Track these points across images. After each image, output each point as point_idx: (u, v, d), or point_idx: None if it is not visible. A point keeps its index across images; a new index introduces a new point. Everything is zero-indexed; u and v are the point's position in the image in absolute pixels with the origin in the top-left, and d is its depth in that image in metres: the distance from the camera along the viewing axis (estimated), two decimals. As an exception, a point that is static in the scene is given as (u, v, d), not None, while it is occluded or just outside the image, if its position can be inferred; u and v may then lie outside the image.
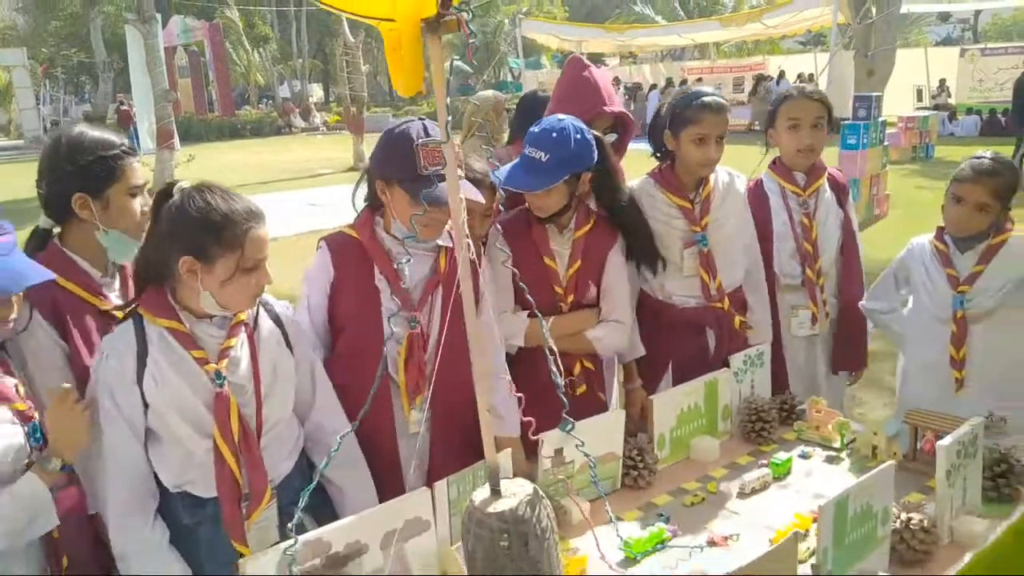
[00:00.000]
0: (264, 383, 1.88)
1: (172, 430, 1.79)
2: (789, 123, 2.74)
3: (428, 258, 2.18)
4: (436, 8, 1.25)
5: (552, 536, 1.57)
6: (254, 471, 1.82)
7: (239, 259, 1.76)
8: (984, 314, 2.49)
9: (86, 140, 1.97)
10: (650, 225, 2.58)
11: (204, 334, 1.83)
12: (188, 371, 1.79)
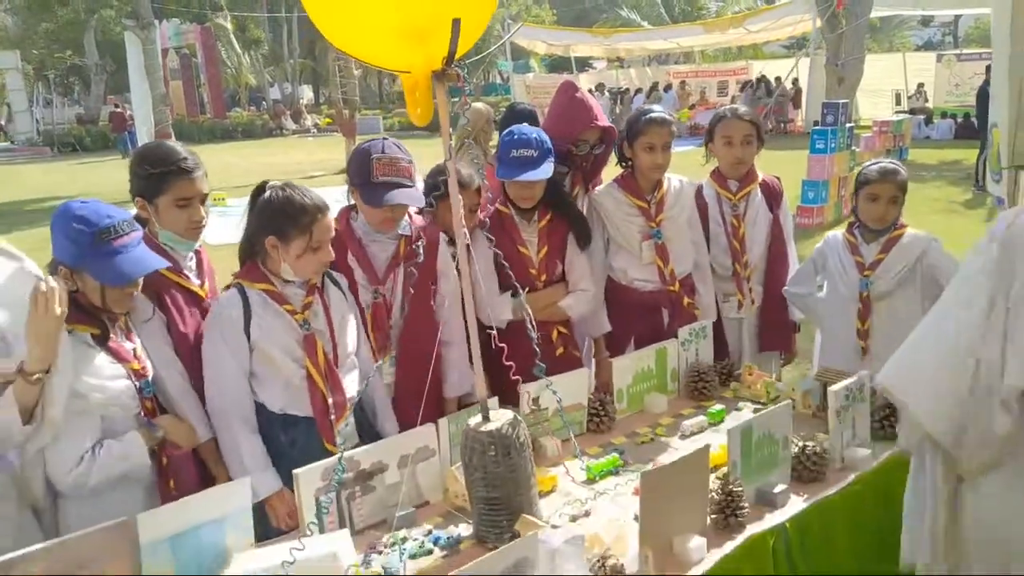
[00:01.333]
0: (336, 328, 2.46)
1: (276, 365, 2.37)
2: (723, 140, 3.27)
3: (392, 244, 2.75)
4: (442, 64, 1.77)
5: (528, 451, 2.10)
6: (336, 391, 2.42)
7: (308, 241, 2.33)
8: (884, 294, 3.03)
9: (150, 153, 2.43)
10: (614, 222, 3.13)
11: (291, 293, 2.40)
12: (283, 320, 2.37)
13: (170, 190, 2.39)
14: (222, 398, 2.36)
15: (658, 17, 33.14)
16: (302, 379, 2.39)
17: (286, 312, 2.38)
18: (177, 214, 2.42)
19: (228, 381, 2.36)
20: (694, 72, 28.40)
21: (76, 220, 2.07)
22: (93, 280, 2.11)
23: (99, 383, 2.14)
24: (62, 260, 2.11)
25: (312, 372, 2.38)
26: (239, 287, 2.39)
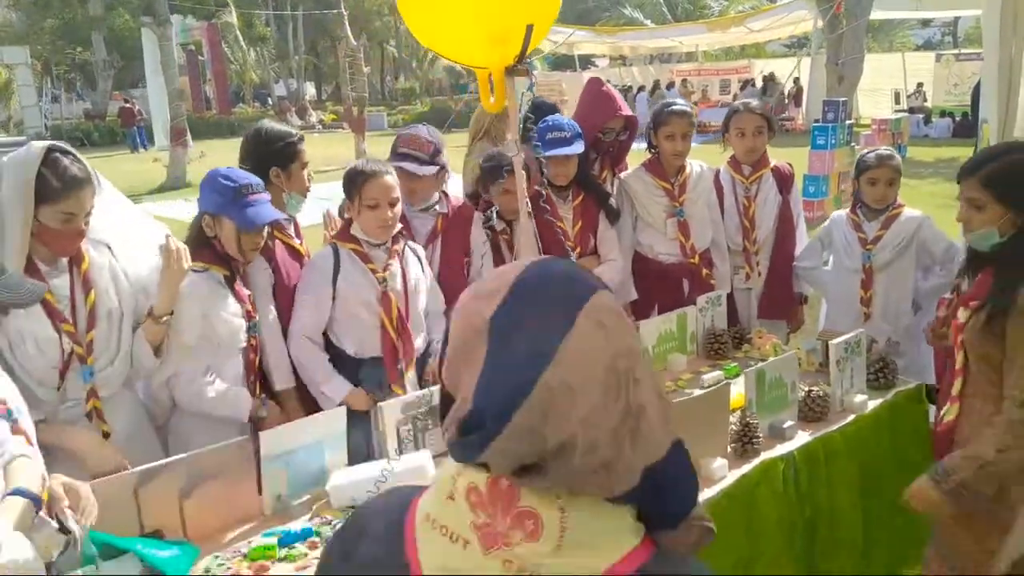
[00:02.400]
0: (410, 289, 2.85)
1: (355, 314, 2.78)
2: (737, 131, 3.65)
3: (431, 220, 3.22)
4: (513, 62, 2.15)
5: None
6: (406, 341, 2.82)
7: (361, 199, 2.74)
8: (884, 265, 3.41)
9: (273, 132, 2.89)
10: (641, 201, 3.53)
11: (375, 254, 2.80)
12: (366, 277, 2.77)
13: (298, 157, 2.88)
14: (302, 325, 2.80)
15: (661, 16, 33.50)
16: (376, 328, 2.80)
17: (369, 270, 2.79)
18: (301, 176, 2.90)
19: (309, 317, 2.79)
20: (696, 70, 28.78)
21: (223, 177, 2.53)
22: (231, 225, 2.53)
23: (226, 316, 2.56)
24: (207, 210, 2.55)
25: (385, 323, 2.79)
26: (334, 246, 2.83)
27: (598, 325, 0.84)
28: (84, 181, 2.15)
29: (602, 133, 3.67)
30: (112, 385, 2.34)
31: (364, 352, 2.84)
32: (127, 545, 1.93)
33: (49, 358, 2.18)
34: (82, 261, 2.26)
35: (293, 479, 2.31)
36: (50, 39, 37.97)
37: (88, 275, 2.26)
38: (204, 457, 2.16)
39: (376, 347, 2.82)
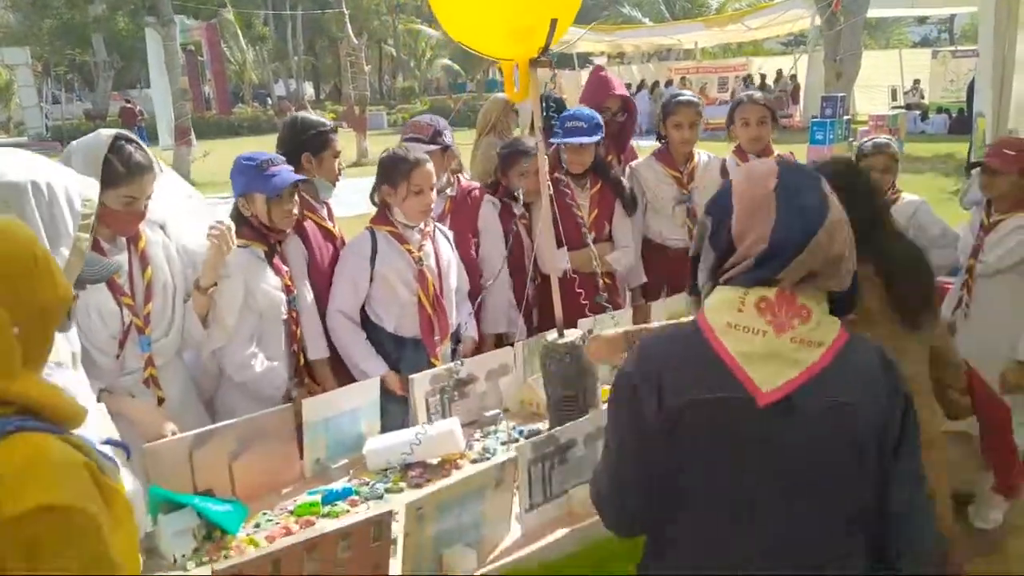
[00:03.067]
0: (443, 268, 3.03)
1: (395, 291, 2.96)
2: (742, 121, 3.79)
3: (441, 203, 3.40)
4: (537, 54, 2.32)
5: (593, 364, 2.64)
6: (441, 317, 3.01)
7: (409, 186, 2.91)
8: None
9: (306, 121, 3.08)
10: (651, 188, 3.70)
11: (410, 235, 2.98)
12: (403, 257, 2.95)
13: (329, 145, 3.05)
14: (341, 303, 2.98)
15: (659, 14, 33.70)
16: (414, 304, 2.98)
17: (406, 251, 2.97)
18: (331, 164, 3.07)
19: (348, 296, 2.98)
20: (695, 68, 28.91)
21: (245, 159, 2.75)
22: (261, 197, 2.71)
23: (266, 288, 2.73)
24: (239, 193, 2.75)
25: (422, 298, 2.97)
26: (371, 230, 3.00)
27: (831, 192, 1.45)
28: (146, 168, 2.32)
29: (600, 112, 3.83)
30: (167, 354, 2.50)
31: (403, 329, 3.02)
32: (185, 500, 2.10)
33: (111, 329, 2.34)
34: (140, 240, 2.43)
35: (332, 444, 2.47)
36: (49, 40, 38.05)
37: (145, 253, 2.43)
38: (251, 423, 2.32)
39: (414, 323, 3.01)
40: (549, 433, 2.18)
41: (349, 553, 1.76)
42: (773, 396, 1.37)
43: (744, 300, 1.40)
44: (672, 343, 1.50)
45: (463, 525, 1.98)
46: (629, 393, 1.46)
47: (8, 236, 1.18)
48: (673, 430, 1.41)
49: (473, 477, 1.98)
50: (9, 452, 1.10)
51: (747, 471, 1.41)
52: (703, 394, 1.39)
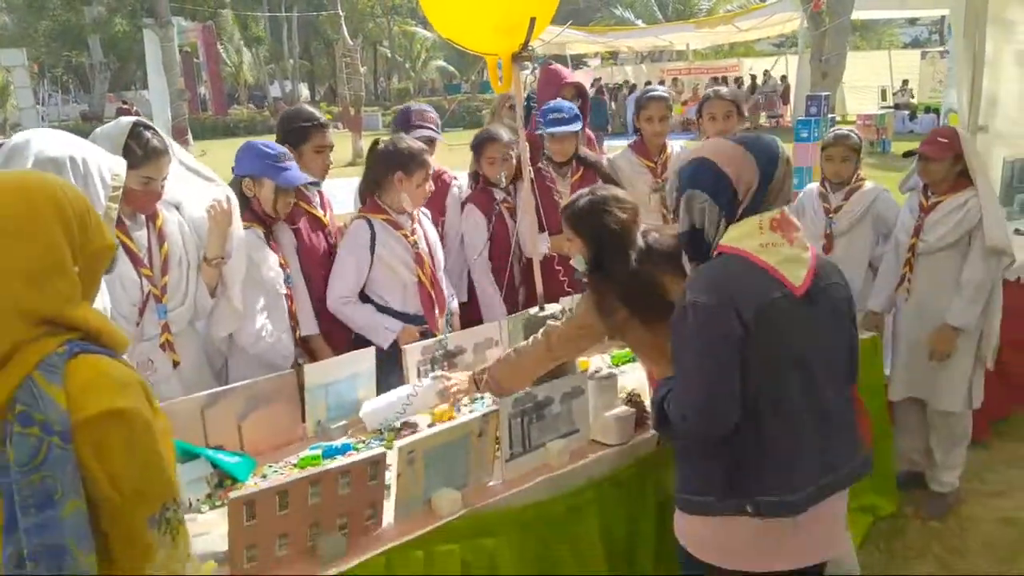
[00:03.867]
0: (432, 246, 3.30)
1: (397, 273, 3.20)
2: (708, 116, 4.01)
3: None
4: (518, 49, 2.55)
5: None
6: (438, 292, 3.28)
7: (426, 174, 3.18)
8: (843, 231, 3.82)
9: (297, 114, 3.31)
10: (627, 178, 3.93)
11: (403, 221, 3.21)
12: (400, 242, 3.19)
13: (311, 139, 3.25)
14: (344, 286, 3.21)
15: (652, 15, 33.96)
16: (414, 284, 3.24)
17: (401, 236, 3.22)
18: (314, 157, 3.26)
19: (349, 278, 3.21)
20: (687, 69, 29.20)
21: (263, 146, 2.99)
22: (271, 185, 2.95)
23: (270, 264, 2.97)
24: (249, 173, 2.97)
25: (422, 278, 3.23)
26: (366, 219, 3.21)
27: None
28: (162, 152, 2.55)
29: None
30: (181, 322, 2.73)
31: (407, 306, 3.27)
32: (199, 451, 2.32)
33: (131, 296, 2.57)
34: (157, 218, 2.67)
35: (331, 407, 2.70)
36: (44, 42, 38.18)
37: (162, 230, 2.67)
38: (258, 386, 2.54)
39: (416, 302, 3.26)
40: (528, 391, 2.41)
41: (348, 490, 1.99)
42: (803, 287, 1.93)
43: (761, 224, 1.93)
44: (723, 271, 1.93)
45: (450, 470, 2.20)
46: (705, 318, 1.88)
47: (71, 191, 1.42)
48: (749, 331, 1.86)
49: (458, 427, 2.21)
50: (78, 369, 1.32)
51: (799, 351, 1.92)
52: (766, 298, 1.88)
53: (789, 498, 1.92)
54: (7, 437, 1.29)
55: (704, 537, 2.07)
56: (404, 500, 2.11)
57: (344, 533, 2.00)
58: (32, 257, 1.33)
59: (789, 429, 1.93)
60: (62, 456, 1.27)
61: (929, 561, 3.26)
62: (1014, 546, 3.35)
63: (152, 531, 1.40)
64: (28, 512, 1.26)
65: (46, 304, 1.33)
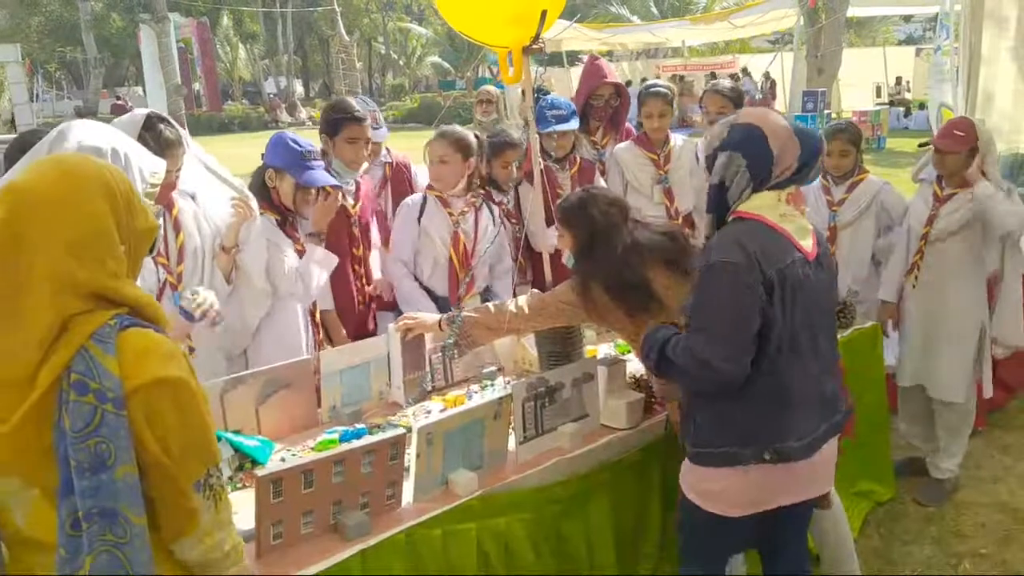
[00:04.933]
0: (479, 233, 3.47)
1: (432, 245, 3.41)
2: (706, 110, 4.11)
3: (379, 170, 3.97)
4: (529, 41, 2.61)
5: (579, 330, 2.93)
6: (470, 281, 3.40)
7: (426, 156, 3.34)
8: (847, 224, 3.89)
9: (335, 104, 3.44)
10: (631, 170, 4.00)
11: (453, 201, 3.49)
12: (445, 219, 3.47)
13: (343, 130, 3.33)
14: (401, 250, 3.52)
15: (647, 12, 33.99)
16: (446, 259, 3.47)
17: (447, 213, 3.46)
18: (345, 148, 3.34)
19: (403, 246, 3.51)
20: (683, 66, 29.25)
21: (292, 141, 3.03)
22: (292, 180, 3.00)
23: (286, 249, 3.04)
24: (273, 164, 3.02)
25: (453, 256, 3.44)
26: (424, 194, 3.55)
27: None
28: (176, 143, 2.60)
29: (592, 99, 4.17)
30: None
31: (432, 282, 3.50)
32: (220, 435, 2.38)
33: (147, 284, 2.62)
34: (173, 208, 2.72)
35: (346, 392, 2.76)
36: (38, 37, 38.03)
37: (178, 219, 2.72)
38: (276, 371, 2.60)
39: (443, 280, 3.48)
40: (540, 375, 2.47)
41: (370, 469, 2.05)
42: (813, 253, 2.17)
43: (780, 196, 2.14)
44: (750, 233, 2.10)
45: (466, 451, 2.27)
46: (733, 274, 2.05)
47: (117, 172, 1.49)
48: (771, 289, 2.05)
49: (475, 409, 2.28)
50: (129, 341, 1.40)
51: (809, 310, 2.12)
52: (785, 261, 2.08)
53: (804, 441, 2.13)
54: (63, 405, 1.36)
55: (714, 488, 2.20)
56: (423, 479, 2.18)
57: (366, 511, 2.07)
58: (82, 232, 1.39)
59: (803, 378, 2.14)
60: (116, 422, 1.35)
61: (927, 544, 3.33)
62: (1009, 529, 3.43)
63: (197, 495, 1.47)
64: (83, 476, 1.33)
65: (95, 278, 1.40)
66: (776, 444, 2.11)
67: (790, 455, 2.12)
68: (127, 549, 1.35)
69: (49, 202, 1.39)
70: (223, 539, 1.55)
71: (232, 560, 1.58)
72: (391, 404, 2.88)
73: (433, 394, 2.92)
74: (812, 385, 2.17)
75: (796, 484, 2.21)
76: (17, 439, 1.37)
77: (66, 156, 1.51)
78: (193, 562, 1.53)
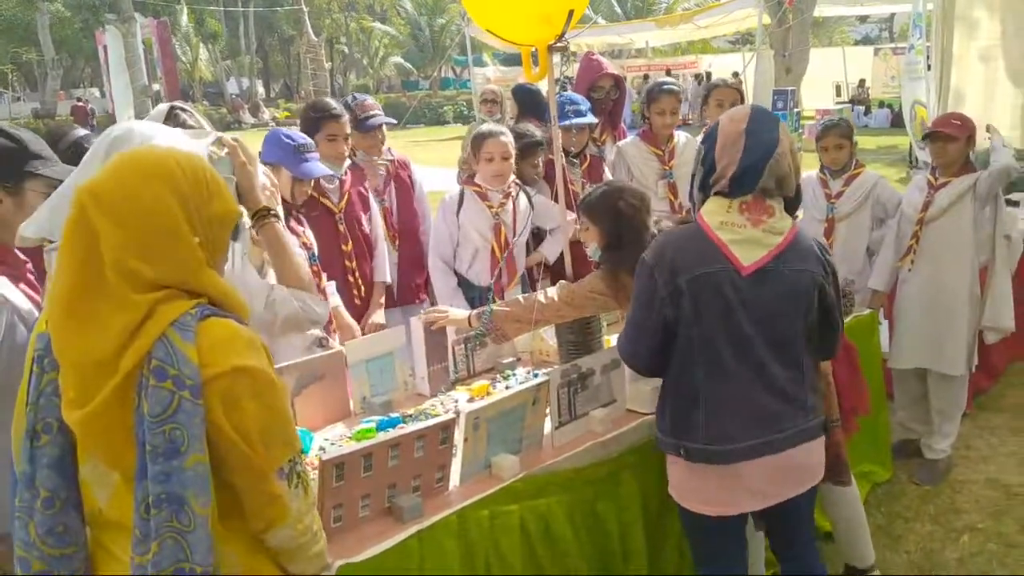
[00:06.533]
0: (517, 223, 3.59)
1: (473, 240, 3.54)
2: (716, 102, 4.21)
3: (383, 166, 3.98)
4: (555, 40, 2.69)
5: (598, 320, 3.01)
6: (509, 264, 3.55)
7: (480, 154, 3.56)
8: (844, 216, 4.04)
9: (309, 106, 3.51)
10: (636, 165, 4.12)
11: (492, 195, 3.64)
12: (484, 212, 3.62)
13: (323, 128, 3.43)
14: (439, 246, 3.68)
15: (611, 13, 34.26)
16: (487, 251, 3.62)
17: (485, 207, 3.60)
18: (327, 146, 3.43)
19: (443, 242, 3.67)
20: (647, 66, 29.54)
21: (286, 136, 3.07)
22: (288, 174, 3.04)
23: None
24: (268, 160, 3.04)
25: (494, 247, 3.62)
26: (462, 189, 3.70)
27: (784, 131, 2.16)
28: (198, 131, 2.62)
29: (593, 91, 4.27)
30: None
31: (478, 276, 3.64)
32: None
33: None
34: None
35: (374, 383, 2.82)
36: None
37: None
38: (309, 363, 2.65)
39: (486, 268, 3.62)
40: (573, 363, 2.55)
41: (422, 453, 2.12)
42: (752, 268, 2.11)
43: (731, 205, 2.13)
44: (681, 238, 2.19)
45: (508, 436, 2.34)
46: (646, 274, 2.17)
47: (188, 161, 1.50)
48: (679, 294, 2.11)
49: (516, 395, 2.35)
50: (209, 330, 1.43)
51: (736, 322, 2.11)
52: (703, 269, 2.11)
53: (715, 448, 2.17)
54: (143, 390, 1.39)
55: (679, 483, 2.35)
56: (469, 463, 2.24)
57: (418, 495, 2.13)
58: (145, 231, 1.41)
59: (719, 387, 2.16)
60: (192, 410, 1.38)
61: (927, 521, 3.48)
62: (1001, 503, 3.60)
63: (282, 483, 1.51)
64: (156, 461, 1.37)
65: (166, 275, 1.43)
66: (686, 443, 2.21)
67: (702, 457, 2.19)
68: (190, 537, 1.38)
69: (113, 201, 1.41)
70: (311, 522, 1.60)
71: (318, 538, 1.64)
72: (416, 395, 2.94)
73: (457, 384, 2.99)
74: (731, 395, 2.16)
75: (722, 494, 2.23)
76: (98, 423, 1.41)
77: (134, 153, 1.53)
78: (284, 548, 1.58)
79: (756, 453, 2.16)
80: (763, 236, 2.12)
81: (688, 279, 2.10)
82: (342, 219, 3.56)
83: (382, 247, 3.78)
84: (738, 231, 2.12)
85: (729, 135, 2.12)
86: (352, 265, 3.61)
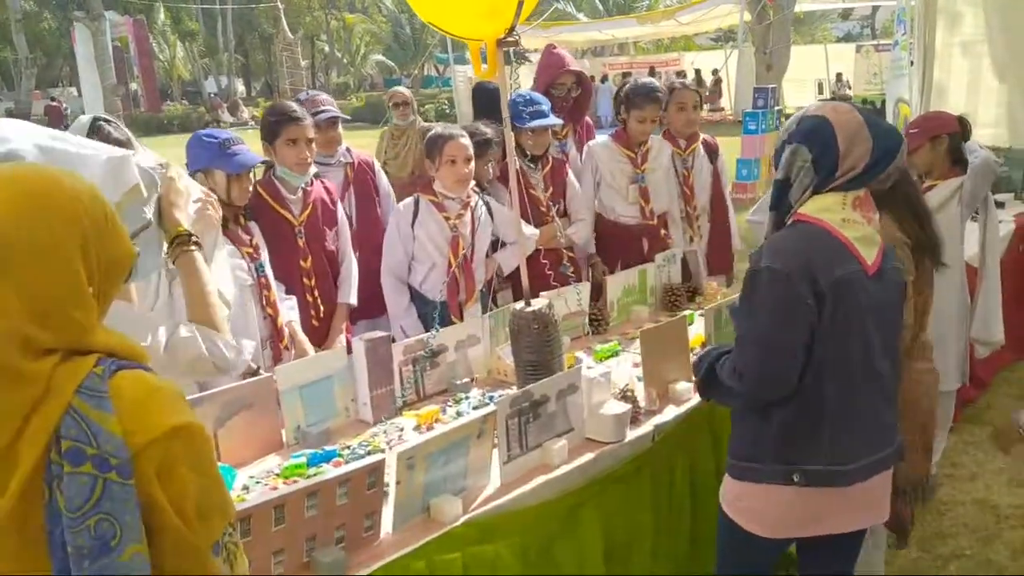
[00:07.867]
0: (477, 235, 3.35)
1: (429, 254, 3.29)
2: (677, 105, 3.98)
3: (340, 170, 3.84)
4: (504, 34, 2.45)
5: (558, 328, 2.78)
6: (468, 280, 3.31)
7: (441, 157, 3.29)
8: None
9: (268, 111, 3.24)
10: (608, 167, 3.90)
11: (449, 205, 3.38)
12: (439, 223, 3.37)
13: (283, 133, 3.13)
14: (392, 259, 3.41)
15: (593, 10, 34.06)
16: (444, 266, 3.36)
17: (443, 218, 3.34)
18: (289, 151, 3.13)
19: (395, 256, 3.40)
20: (629, 64, 29.39)
21: (206, 136, 2.85)
22: (222, 175, 2.80)
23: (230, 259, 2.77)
24: (198, 168, 2.81)
25: (451, 261, 3.36)
26: (416, 197, 3.40)
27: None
28: (124, 144, 2.37)
29: (553, 89, 4.02)
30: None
31: (432, 291, 3.39)
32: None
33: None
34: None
35: (309, 411, 2.56)
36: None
37: None
38: (234, 391, 2.39)
39: (440, 282, 3.36)
40: (525, 389, 2.32)
41: (346, 500, 1.88)
42: (875, 267, 1.98)
43: (845, 200, 1.96)
44: (803, 239, 1.97)
45: (449, 475, 2.10)
46: (780, 283, 1.92)
47: (86, 194, 1.22)
48: (822, 301, 1.91)
49: (457, 428, 2.11)
50: (123, 389, 1.16)
51: (866, 328, 1.96)
52: (841, 271, 1.92)
53: (840, 468, 1.98)
54: (53, 480, 1.12)
55: (748, 505, 2.10)
56: (403, 507, 2.00)
57: (342, 546, 1.89)
58: (42, 292, 1.15)
59: (847, 397, 1.98)
60: (121, 493, 1.12)
61: (912, 547, 3.26)
62: (990, 527, 3.40)
63: (216, 560, 1.25)
64: (81, 564, 1.10)
65: (60, 339, 1.16)
66: (804, 466, 1.99)
67: (825, 480, 1.99)
68: None
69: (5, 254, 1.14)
70: None
71: None
72: (358, 422, 2.70)
73: (404, 409, 2.75)
74: (859, 409, 2.01)
75: (834, 513, 2.06)
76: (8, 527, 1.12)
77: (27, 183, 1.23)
78: None
79: (871, 472, 2.04)
80: (874, 234, 2.02)
81: (830, 283, 1.91)
82: (302, 232, 3.26)
83: (349, 265, 3.48)
84: (858, 228, 1.97)
85: (848, 125, 1.94)
86: (311, 283, 3.30)
